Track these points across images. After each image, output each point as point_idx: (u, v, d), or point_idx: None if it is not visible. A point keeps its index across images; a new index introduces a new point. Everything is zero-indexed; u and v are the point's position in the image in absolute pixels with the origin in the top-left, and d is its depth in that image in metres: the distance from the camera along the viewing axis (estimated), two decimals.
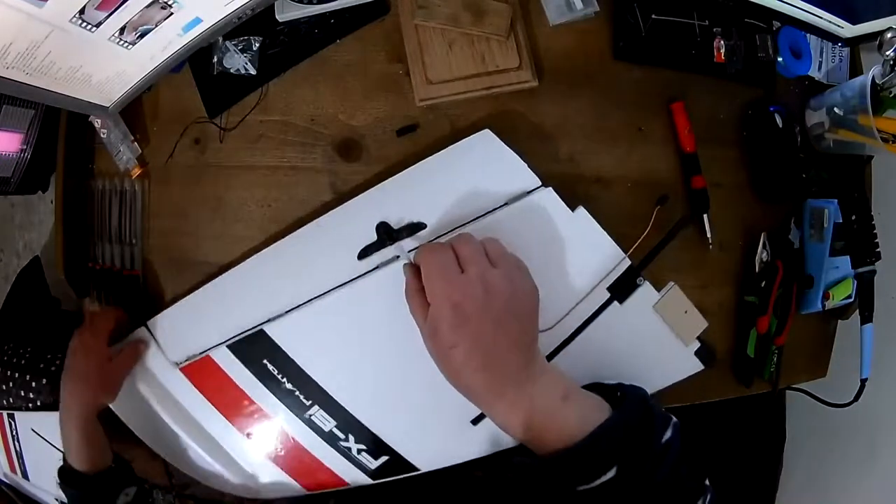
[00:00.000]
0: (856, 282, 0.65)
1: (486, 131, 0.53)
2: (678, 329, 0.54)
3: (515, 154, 0.53)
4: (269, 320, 0.54)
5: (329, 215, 0.55)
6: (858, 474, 0.78)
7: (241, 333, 0.54)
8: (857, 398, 0.64)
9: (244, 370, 0.55)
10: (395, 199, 0.53)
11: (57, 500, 0.69)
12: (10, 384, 0.68)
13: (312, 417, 0.55)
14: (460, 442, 0.54)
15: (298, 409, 0.55)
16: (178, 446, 0.58)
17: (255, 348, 0.54)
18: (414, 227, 0.50)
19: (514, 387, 0.41)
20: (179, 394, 0.57)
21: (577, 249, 0.53)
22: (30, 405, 0.67)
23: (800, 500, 0.87)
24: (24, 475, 0.69)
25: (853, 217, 0.64)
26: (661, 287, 0.55)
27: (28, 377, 0.67)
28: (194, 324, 0.57)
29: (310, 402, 0.54)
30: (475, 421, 0.53)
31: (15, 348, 0.71)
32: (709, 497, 0.40)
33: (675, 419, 0.41)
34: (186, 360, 0.56)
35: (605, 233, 0.53)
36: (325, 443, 0.55)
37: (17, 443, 0.68)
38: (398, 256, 0.52)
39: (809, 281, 0.63)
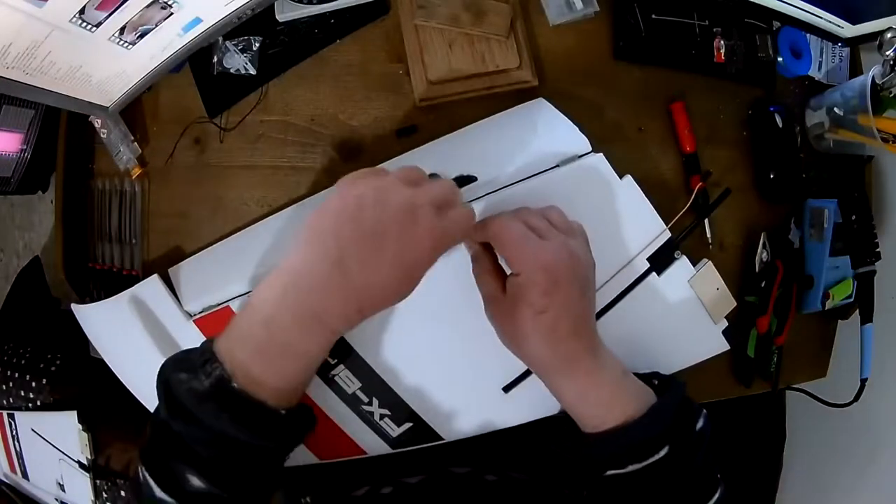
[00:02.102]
0: (856, 282, 0.65)
1: (541, 99, 0.53)
2: (710, 306, 0.54)
3: (568, 120, 0.53)
4: None
5: (378, 168, 0.52)
6: (858, 474, 0.78)
7: None
8: (857, 398, 0.65)
9: None
10: (447, 156, 0.53)
11: (57, 500, 0.69)
12: (10, 384, 0.68)
13: (335, 378, 0.52)
14: (489, 410, 0.53)
15: (321, 369, 0.51)
16: None
17: None
18: (465, 179, 0.48)
19: (591, 356, 0.42)
20: (189, 346, 0.54)
21: (621, 217, 0.52)
22: (30, 405, 0.67)
23: (800, 500, 0.87)
24: (24, 475, 0.69)
25: (853, 217, 0.64)
26: (695, 263, 0.55)
27: (28, 377, 0.67)
28: (217, 274, 0.54)
29: (335, 360, 0.51)
30: (507, 388, 0.52)
31: (15, 348, 0.72)
32: (721, 489, 0.41)
33: (704, 409, 0.43)
34: (202, 312, 0.53)
35: (648, 203, 0.52)
36: (346, 406, 0.52)
37: (17, 443, 0.68)
38: None
39: (809, 281, 0.63)
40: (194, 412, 0.36)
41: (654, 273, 0.53)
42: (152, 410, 0.52)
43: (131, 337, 0.54)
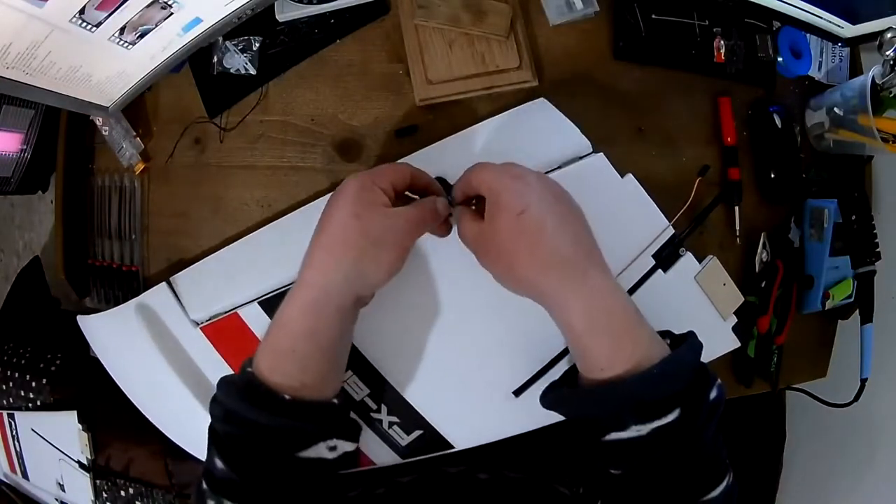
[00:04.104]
0: (856, 282, 0.65)
1: (542, 99, 0.54)
2: (717, 302, 0.54)
3: (569, 121, 0.53)
4: None
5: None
6: (858, 474, 0.78)
7: (277, 290, 0.52)
8: (857, 398, 0.64)
9: None
10: (449, 158, 0.52)
11: (57, 499, 0.69)
12: (10, 384, 0.68)
13: (343, 385, 0.51)
14: (500, 416, 0.52)
15: None
16: (184, 416, 0.54)
17: None
18: None
19: (597, 269, 0.38)
20: (196, 355, 0.54)
21: (624, 215, 0.52)
22: (30, 405, 0.67)
23: (800, 500, 0.87)
24: (24, 475, 0.69)
25: (853, 217, 0.64)
26: (701, 260, 0.54)
27: (28, 377, 0.67)
28: (222, 281, 0.54)
29: None
30: (517, 392, 0.51)
31: (15, 348, 0.72)
32: (730, 478, 0.38)
33: (719, 379, 0.38)
34: (209, 319, 0.54)
35: (651, 200, 0.53)
36: (354, 414, 0.52)
37: (17, 443, 0.68)
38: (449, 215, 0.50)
39: (809, 281, 0.63)
40: (216, 391, 0.40)
41: (659, 270, 0.53)
42: (154, 422, 0.54)
43: (137, 346, 0.54)
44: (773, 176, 0.62)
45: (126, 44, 0.47)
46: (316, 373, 0.40)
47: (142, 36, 0.47)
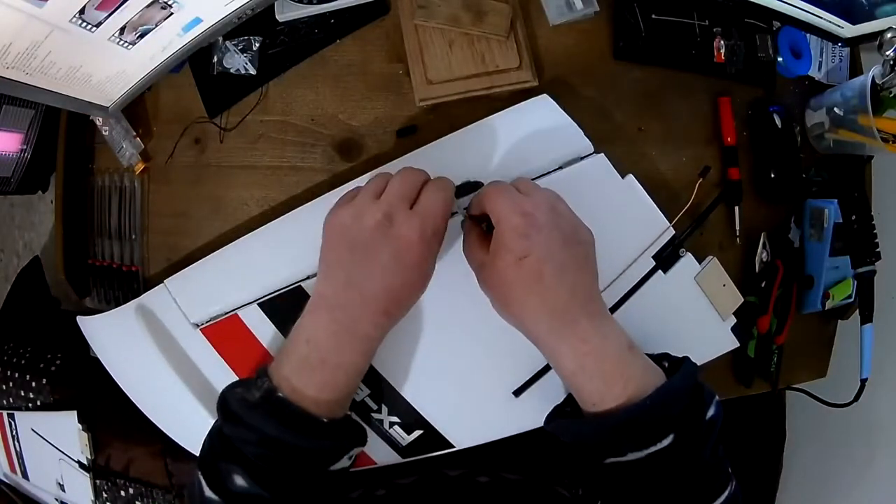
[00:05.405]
0: (856, 282, 0.65)
1: (544, 96, 0.53)
2: (717, 302, 0.54)
3: (571, 120, 0.53)
4: (308, 277, 0.52)
5: (380, 170, 0.52)
6: (858, 474, 0.78)
7: (276, 291, 0.52)
8: (857, 398, 0.64)
9: (274, 330, 0.52)
10: (450, 157, 0.52)
11: (57, 499, 0.69)
12: (10, 384, 0.68)
13: None
14: (500, 416, 0.52)
15: None
16: (185, 417, 0.54)
17: (290, 307, 0.51)
18: (471, 186, 0.48)
19: (587, 318, 0.39)
20: (196, 357, 0.54)
21: (625, 216, 0.52)
22: (30, 405, 0.67)
23: (800, 500, 0.87)
24: (24, 475, 0.69)
25: (853, 217, 0.64)
26: (701, 260, 0.55)
27: (28, 377, 0.67)
28: (221, 283, 0.54)
29: None
30: (517, 392, 0.52)
31: (15, 348, 0.72)
32: (733, 486, 0.39)
33: (716, 396, 0.40)
34: (209, 321, 0.54)
35: (651, 201, 0.53)
36: (354, 415, 0.52)
37: (17, 443, 0.68)
38: (454, 213, 0.50)
39: (809, 281, 0.63)
40: (244, 417, 0.39)
41: (660, 271, 0.53)
42: (156, 422, 0.54)
43: (138, 347, 0.54)
44: (773, 176, 0.62)
45: (126, 44, 0.47)
46: (346, 387, 0.43)
47: (142, 36, 0.47)
